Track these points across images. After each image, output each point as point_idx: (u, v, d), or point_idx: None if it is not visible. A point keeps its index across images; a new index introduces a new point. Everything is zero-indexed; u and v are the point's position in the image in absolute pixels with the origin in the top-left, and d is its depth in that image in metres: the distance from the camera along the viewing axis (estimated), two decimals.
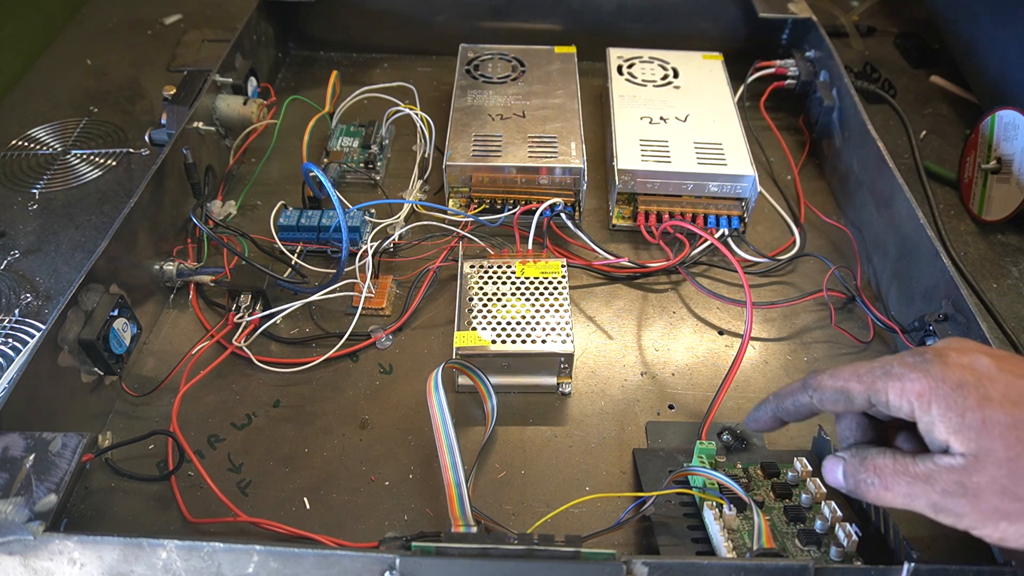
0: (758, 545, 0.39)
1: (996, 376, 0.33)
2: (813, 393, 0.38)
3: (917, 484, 0.33)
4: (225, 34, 0.87)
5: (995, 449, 0.32)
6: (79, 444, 0.41)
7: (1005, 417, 0.32)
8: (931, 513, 0.33)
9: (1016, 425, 0.32)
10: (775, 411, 0.41)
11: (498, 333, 0.51)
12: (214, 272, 0.58)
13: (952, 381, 0.33)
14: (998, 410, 0.32)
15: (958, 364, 0.34)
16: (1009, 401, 0.32)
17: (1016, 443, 0.31)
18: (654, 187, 0.63)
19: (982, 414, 0.32)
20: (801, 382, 0.39)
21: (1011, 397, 0.32)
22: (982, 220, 0.66)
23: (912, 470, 0.34)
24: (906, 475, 0.34)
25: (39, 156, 0.72)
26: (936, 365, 0.34)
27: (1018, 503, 0.31)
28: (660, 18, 0.82)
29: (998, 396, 0.32)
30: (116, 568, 0.36)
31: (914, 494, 0.33)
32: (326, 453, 0.49)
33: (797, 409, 0.40)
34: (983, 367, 0.33)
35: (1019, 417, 0.32)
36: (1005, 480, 0.31)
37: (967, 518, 0.32)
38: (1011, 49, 0.72)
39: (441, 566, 0.35)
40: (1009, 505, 0.31)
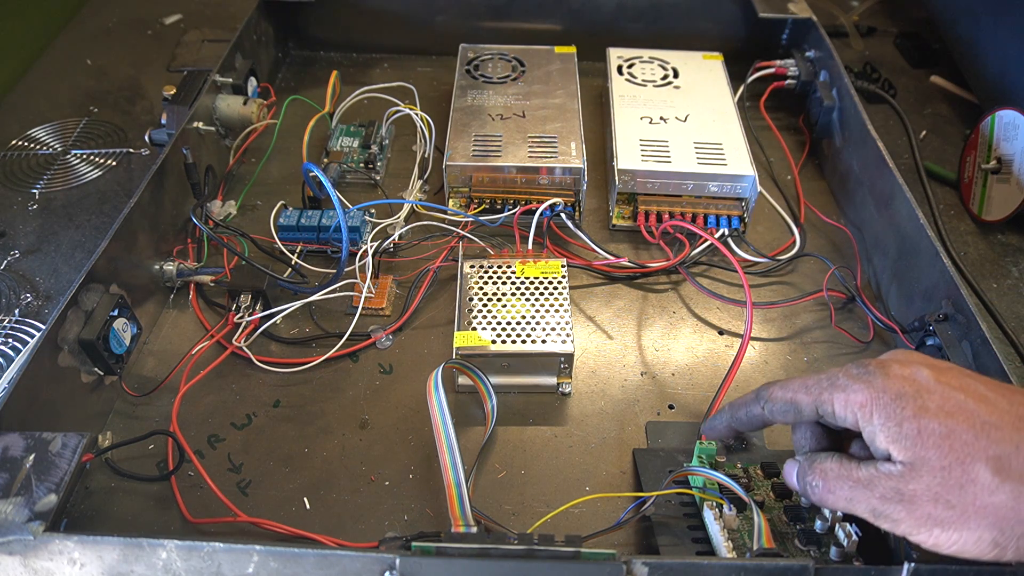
0: (758, 545, 0.39)
1: (934, 388, 0.34)
2: (765, 404, 0.40)
3: (858, 489, 0.35)
4: (225, 34, 0.87)
5: (930, 458, 0.33)
6: (79, 444, 0.41)
7: (939, 427, 0.33)
8: (871, 517, 0.34)
9: (949, 435, 0.33)
10: (729, 421, 0.43)
11: (498, 333, 0.51)
12: (214, 272, 0.58)
13: (892, 392, 0.34)
14: (933, 420, 0.33)
15: (899, 376, 0.35)
16: (944, 412, 0.33)
17: (949, 452, 0.33)
18: (654, 187, 0.63)
19: (918, 424, 0.33)
20: (754, 393, 0.41)
21: (946, 408, 0.34)
22: (982, 220, 0.66)
23: (855, 475, 0.35)
24: (848, 479, 0.35)
25: (39, 156, 0.72)
26: (878, 377, 0.35)
27: (950, 511, 0.32)
28: (660, 18, 0.82)
29: (934, 407, 0.34)
30: (116, 568, 0.36)
31: (855, 498, 0.35)
32: (326, 453, 0.49)
33: (750, 420, 0.41)
34: (923, 379, 0.35)
35: (952, 427, 0.33)
36: (938, 488, 0.33)
37: (903, 523, 0.33)
38: (1011, 49, 0.72)
39: (441, 566, 0.35)
40: (942, 512, 0.33)
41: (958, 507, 0.32)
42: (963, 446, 0.33)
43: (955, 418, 0.33)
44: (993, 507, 0.32)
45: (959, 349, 0.48)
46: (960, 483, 0.32)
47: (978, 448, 0.32)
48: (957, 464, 0.33)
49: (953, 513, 0.32)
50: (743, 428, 0.42)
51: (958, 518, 0.32)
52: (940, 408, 0.34)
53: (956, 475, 0.32)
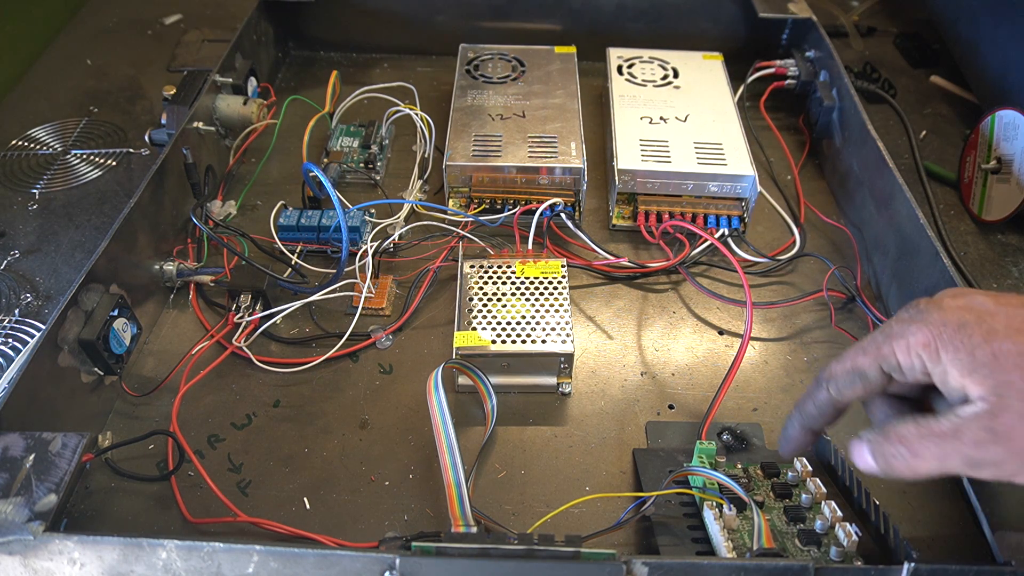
0: (758, 545, 0.39)
1: (995, 310, 0.32)
2: (828, 384, 0.37)
3: (946, 443, 0.31)
4: (225, 34, 0.87)
5: (1013, 381, 0.30)
6: (79, 444, 0.41)
7: (1014, 347, 0.30)
8: (969, 471, 0.31)
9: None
10: (801, 422, 0.39)
11: (498, 333, 0.51)
12: (214, 272, 0.58)
13: (953, 323, 0.32)
14: (1006, 341, 0.31)
15: (955, 307, 0.33)
16: (1014, 330, 0.31)
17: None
18: (654, 187, 0.63)
19: (991, 348, 0.31)
20: (815, 381, 0.38)
21: (1015, 326, 0.31)
22: (982, 220, 0.66)
23: (937, 430, 0.32)
24: (932, 436, 0.32)
25: (39, 156, 0.72)
26: (933, 312, 0.33)
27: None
28: (660, 18, 0.82)
29: (1002, 328, 0.31)
30: (116, 568, 0.36)
31: (945, 454, 0.31)
32: (326, 453, 0.49)
33: (820, 409, 0.38)
34: (980, 304, 0.32)
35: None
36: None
37: (1007, 464, 0.30)
38: (1011, 49, 0.72)
39: (441, 566, 0.35)
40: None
41: None
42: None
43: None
44: None
45: None
46: None
47: None
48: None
49: None
50: (817, 424, 0.39)
51: None
52: (1009, 327, 0.31)
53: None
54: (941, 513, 0.46)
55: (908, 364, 0.33)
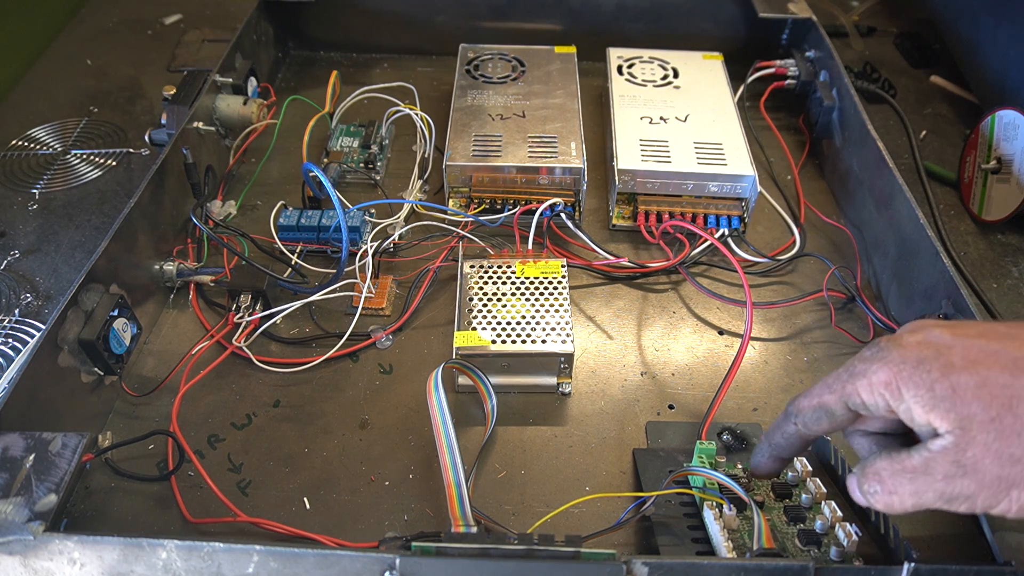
0: (758, 545, 0.39)
1: (952, 343, 0.32)
2: (795, 419, 0.37)
3: (918, 478, 0.32)
4: (225, 34, 0.87)
5: (975, 414, 0.30)
6: (79, 444, 0.41)
7: (972, 379, 0.31)
8: (944, 505, 0.32)
9: (985, 383, 0.31)
10: (769, 451, 0.40)
11: (498, 333, 0.51)
12: (214, 272, 0.58)
13: (912, 360, 0.32)
14: (963, 374, 0.31)
15: (913, 343, 0.33)
16: (971, 362, 0.31)
17: (992, 401, 0.30)
18: (654, 187, 0.63)
19: (949, 382, 0.31)
20: (783, 414, 0.39)
21: (971, 357, 0.31)
22: (982, 220, 0.66)
23: (909, 465, 0.32)
24: (905, 472, 0.32)
25: (39, 156, 0.72)
26: (893, 350, 0.33)
27: (1018, 465, 0.30)
28: (660, 18, 0.82)
29: (959, 361, 0.31)
30: (116, 568, 0.36)
31: (919, 490, 0.32)
32: (326, 453, 0.49)
33: (788, 442, 0.39)
34: (937, 338, 0.33)
35: (985, 375, 0.31)
36: (996, 444, 0.30)
37: (979, 498, 0.31)
38: (1011, 49, 0.72)
39: (441, 566, 0.35)
40: (1011, 470, 0.30)
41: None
42: (1003, 389, 0.30)
43: (984, 364, 0.31)
44: None
45: None
46: (1015, 430, 0.30)
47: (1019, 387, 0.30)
48: (1005, 411, 0.30)
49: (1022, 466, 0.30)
50: (785, 453, 0.40)
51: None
52: (965, 359, 0.31)
53: (1008, 423, 0.30)
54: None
55: (872, 402, 0.33)
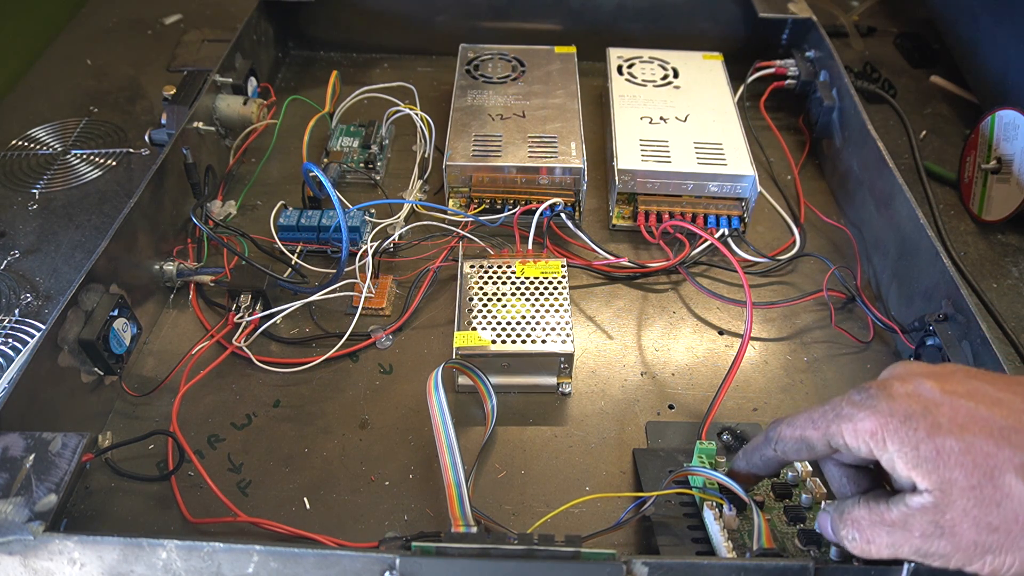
0: (758, 545, 0.39)
1: (941, 400, 0.32)
2: (776, 445, 0.38)
3: (896, 532, 0.32)
4: (225, 34, 0.87)
5: (956, 479, 0.31)
6: (79, 444, 0.41)
7: (956, 444, 0.31)
8: (918, 559, 0.32)
9: (969, 450, 0.31)
10: (746, 467, 0.41)
11: (498, 333, 0.51)
12: (214, 272, 0.58)
13: (900, 414, 0.32)
14: (948, 437, 0.31)
15: (903, 394, 0.33)
16: (957, 426, 0.31)
17: (974, 469, 0.30)
18: (654, 187, 0.63)
19: (934, 443, 0.31)
20: (764, 435, 0.39)
21: (958, 421, 0.31)
22: (982, 220, 0.66)
23: (888, 518, 0.32)
24: (883, 524, 0.33)
25: (39, 156, 0.72)
26: (882, 400, 0.33)
27: (995, 533, 0.30)
28: (660, 18, 0.82)
29: (946, 422, 0.31)
30: (116, 568, 0.36)
31: (896, 544, 0.32)
32: (326, 453, 0.49)
33: (766, 463, 0.39)
34: (927, 393, 0.33)
35: (971, 442, 0.31)
36: (975, 511, 0.30)
37: (953, 558, 0.31)
38: (1011, 49, 0.72)
39: (441, 566, 0.35)
40: (988, 537, 0.30)
41: (1002, 528, 0.30)
42: (986, 459, 0.30)
43: (970, 430, 0.31)
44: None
45: (959, 349, 0.48)
46: (995, 500, 0.30)
47: (1002, 458, 0.30)
48: (986, 480, 0.30)
49: (999, 536, 0.30)
50: (762, 472, 0.40)
51: (1005, 540, 0.30)
52: (952, 422, 0.31)
53: (988, 492, 0.30)
54: None
55: (855, 447, 0.33)
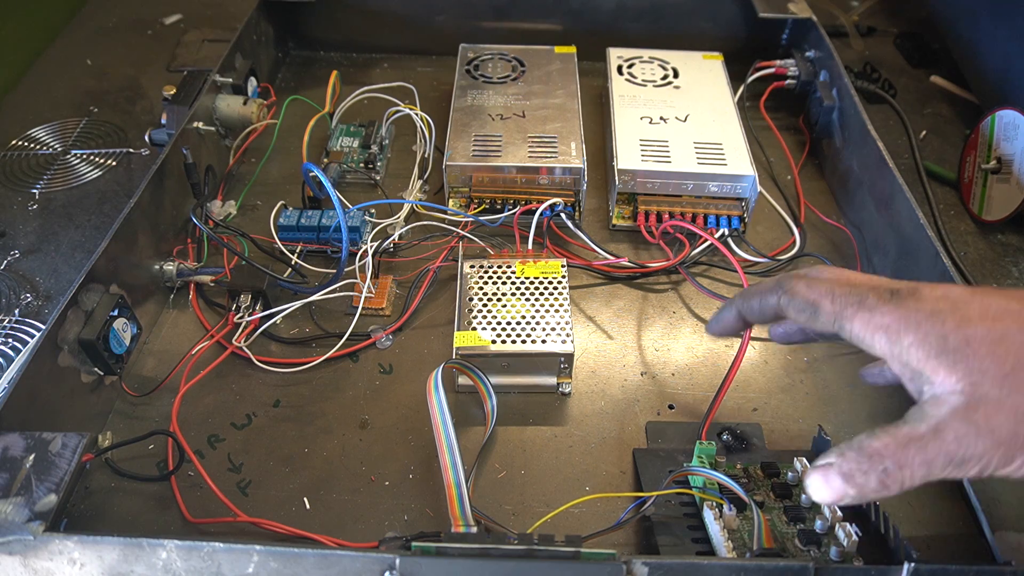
0: (758, 545, 0.39)
1: (971, 299, 0.31)
2: (783, 296, 0.36)
3: (929, 446, 0.29)
4: (225, 34, 0.87)
5: (988, 368, 0.29)
6: (79, 444, 0.41)
7: (988, 332, 0.29)
8: (954, 471, 0.29)
9: (1003, 339, 0.29)
10: (740, 308, 0.39)
11: (498, 333, 0.51)
12: (214, 272, 0.58)
13: (926, 310, 0.31)
14: (979, 327, 0.30)
15: (931, 296, 0.32)
16: (989, 317, 0.30)
17: (1007, 356, 0.29)
18: (654, 187, 0.63)
19: (963, 334, 0.30)
20: (774, 281, 0.37)
21: (991, 314, 0.30)
22: (982, 220, 0.66)
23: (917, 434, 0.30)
24: (913, 442, 0.30)
25: (39, 156, 0.72)
26: (909, 299, 0.32)
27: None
28: (660, 18, 0.82)
29: (976, 315, 0.30)
30: (116, 568, 0.36)
31: (931, 459, 0.29)
32: (326, 453, 0.49)
33: (762, 309, 0.37)
34: (956, 295, 0.31)
35: (1003, 331, 0.29)
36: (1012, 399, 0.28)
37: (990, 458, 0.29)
38: (1011, 49, 0.72)
39: (441, 566, 0.35)
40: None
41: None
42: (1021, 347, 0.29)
43: (1003, 321, 0.29)
44: None
45: None
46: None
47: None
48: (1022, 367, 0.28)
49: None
50: (753, 318, 0.38)
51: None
52: (983, 314, 0.30)
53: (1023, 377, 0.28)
54: (941, 513, 0.46)
55: (860, 336, 0.32)
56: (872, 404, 0.52)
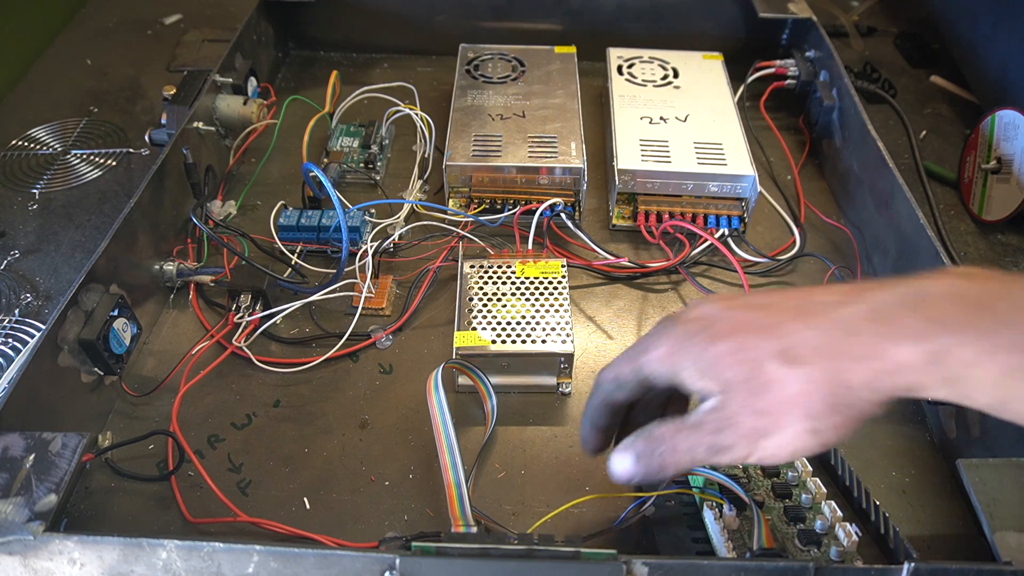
0: (758, 545, 0.39)
1: (721, 315, 0.35)
2: (599, 388, 0.40)
3: (693, 434, 0.35)
4: (225, 34, 0.87)
5: (731, 377, 0.33)
6: (79, 444, 0.41)
7: (729, 345, 0.34)
8: (713, 457, 0.34)
9: (740, 349, 0.33)
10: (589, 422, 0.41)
11: (498, 333, 0.51)
12: (214, 272, 0.58)
13: (685, 334, 0.35)
14: (722, 342, 0.34)
15: (689, 318, 0.36)
16: (730, 331, 0.34)
17: (743, 364, 0.33)
18: (654, 187, 0.63)
19: (713, 351, 0.34)
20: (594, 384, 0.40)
21: (732, 327, 0.34)
22: (982, 220, 0.66)
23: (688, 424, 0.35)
24: (684, 430, 0.35)
25: (39, 156, 0.72)
26: (673, 326, 0.36)
27: (765, 417, 0.33)
28: (660, 18, 0.82)
29: (722, 330, 0.34)
30: (116, 568, 0.36)
31: (693, 445, 0.35)
32: (326, 453, 0.49)
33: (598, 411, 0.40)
34: (709, 312, 0.36)
35: (740, 341, 0.34)
36: (749, 400, 0.33)
37: (737, 447, 0.33)
38: (1011, 49, 0.72)
39: (441, 566, 0.35)
40: (760, 422, 0.33)
41: (770, 411, 0.33)
42: (752, 352, 0.33)
43: (740, 332, 0.34)
44: (794, 397, 0.32)
45: None
46: (762, 387, 0.33)
47: (764, 350, 0.33)
48: (754, 372, 0.33)
49: (769, 419, 0.33)
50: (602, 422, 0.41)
51: (773, 421, 0.33)
52: (727, 329, 0.34)
53: (757, 382, 0.33)
54: (941, 513, 0.46)
55: (656, 373, 0.36)
56: None
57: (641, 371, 0.37)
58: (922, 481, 0.48)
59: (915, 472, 0.48)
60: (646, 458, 0.36)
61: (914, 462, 0.49)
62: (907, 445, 0.50)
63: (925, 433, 0.51)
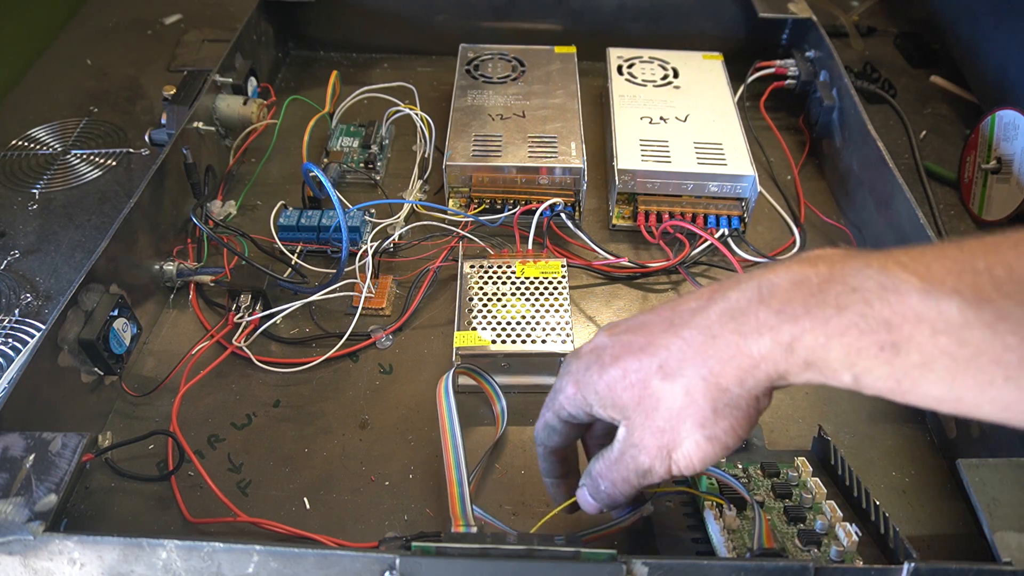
0: (758, 545, 0.39)
1: (608, 343, 0.36)
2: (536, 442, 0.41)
3: (617, 466, 0.36)
4: (225, 34, 0.87)
5: (626, 402, 0.34)
6: (79, 444, 0.41)
7: (616, 372, 0.35)
8: (644, 480, 0.35)
9: (625, 374, 0.34)
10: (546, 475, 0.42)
11: (498, 333, 0.51)
12: (214, 272, 0.58)
13: (581, 368, 0.36)
14: (612, 369, 0.35)
15: (582, 353, 0.37)
16: (615, 358, 0.35)
17: (632, 387, 0.34)
18: (654, 187, 0.63)
19: (605, 381, 0.35)
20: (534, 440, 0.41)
21: (616, 353, 0.35)
22: (982, 220, 0.66)
23: (611, 458, 0.36)
24: (611, 464, 0.36)
25: (39, 156, 0.72)
26: (573, 363, 0.37)
27: (665, 433, 0.34)
28: (660, 18, 0.82)
29: (610, 358, 0.35)
30: (116, 568, 0.36)
31: (622, 476, 0.36)
32: (326, 453, 0.49)
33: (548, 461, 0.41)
34: (599, 343, 0.36)
35: (624, 367, 0.34)
36: (647, 421, 0.34)
37: (656, 467, 0.34)
38: (1011, 49, 0.72)
39: (441, 566, 0.35)
40: (662, 439, 0.34)
41: (666, 427, 0.33)
42: (636, 374, 0.34)
43: (623, 357, 0.35)
44: (681, 410, 0.33)
45: None
46: (653, 406, 0.34)
47: (646, 369, 0.34)
48: (643, 393, 0.34)
49: (669, 434, 0.33)
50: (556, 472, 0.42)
51: (673, 435, 0.33)
52: (612, 357, 0.35)
53: (648, 403, 0.34)
54: (941, 513, 0.46)
55: (573, 411, 0.37)
56: (872, 404, 0.52)
57: (560, 414, 0.38)
58: (922, 481, 0.48)
59: (915, 472, 0.48)
60: (597, 495, 0.38)
61: (914, 462, 0.49)
62: (907, 445, 0.50)
63: (925, 433, 0.51)
